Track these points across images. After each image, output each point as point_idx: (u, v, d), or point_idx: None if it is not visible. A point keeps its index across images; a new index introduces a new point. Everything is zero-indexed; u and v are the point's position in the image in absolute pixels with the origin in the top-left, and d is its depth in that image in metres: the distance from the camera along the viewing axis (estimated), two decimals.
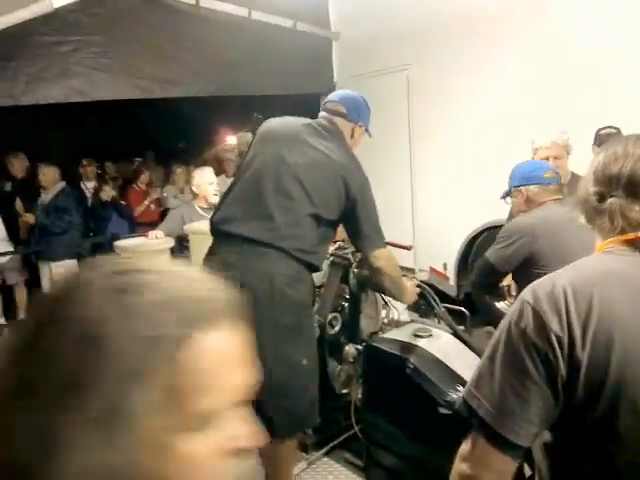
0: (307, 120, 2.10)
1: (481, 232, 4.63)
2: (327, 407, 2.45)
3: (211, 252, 2.00)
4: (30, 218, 5.14)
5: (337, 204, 1.94)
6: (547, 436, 0.98)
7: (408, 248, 2.57)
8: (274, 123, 2.10)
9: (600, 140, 3.31)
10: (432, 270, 5.18)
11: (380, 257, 2.01)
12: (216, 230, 2.01)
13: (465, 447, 0.96)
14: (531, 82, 3.96)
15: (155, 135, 8.54)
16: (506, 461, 0.92)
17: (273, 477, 1.91)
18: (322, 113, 2.14)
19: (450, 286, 5.03)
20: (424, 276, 5.22)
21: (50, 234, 5.12)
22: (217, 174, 6.88)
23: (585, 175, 1.02)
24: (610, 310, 0.87)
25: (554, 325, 0.87)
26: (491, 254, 2.24)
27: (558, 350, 0.87)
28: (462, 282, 5.09)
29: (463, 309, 2.70)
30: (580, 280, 0.92)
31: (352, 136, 2.12)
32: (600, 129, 3.39)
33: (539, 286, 0.93)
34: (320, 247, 1.97)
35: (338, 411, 2.52)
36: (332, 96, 2.19)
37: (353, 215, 1.96)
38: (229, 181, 2.30)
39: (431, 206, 5.04)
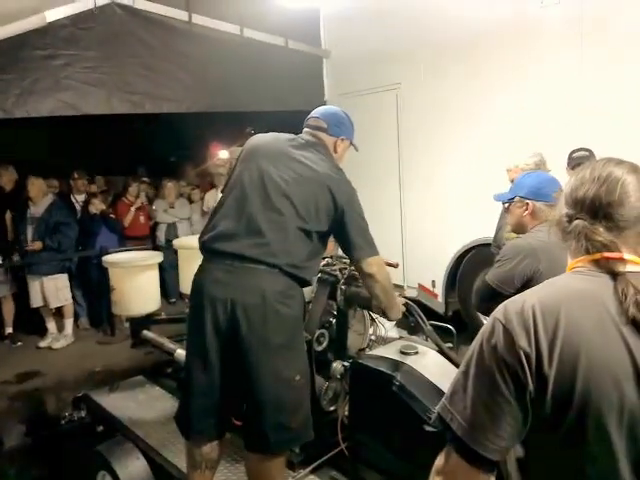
0: (292, 135, 2.12)
1: (469, 249, 4.68)
2: (314, 425, 2.44)
3: (201, 270, 2.00)
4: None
5: (326, 216, 1.95)
6: (520, 451, 1.00)
7: (395, 265, 2.58)
8: (259, 139, 2.11)
9: (573, 163, 3.37)
10: (421, 287, 5.21)
11: (373, 264, 2.02)
12: (205, 248, 2.01)
13: (439, 461, 0.99)
14: (520, 101, 4.04)
15: (147, 150, 8.57)
16: (477, 475, 0.94)
17: None
18: (305, 129, 2.16)
19: (438, 303, 5.07)
20: (413, 293, 5.26)
21: (43, 249, 5.12)
22: (208, 189, 6.95)
23: (560, 197, 1.07)
24: (576, 328, 0.90)
25: (522, 342, 0.90)
26: (491, 276, 2.15)
27: (526, 366, 0.90)
28: (450, 299, 5.14)
29: (450, 327, 2.73)
30: (548, 299, 0.95)
31: (335, 150, 2.13)
32: (573, 151, 3.46)
33: (510, 304, 0.97)
34: (311, 262, 1.97)
35: (325, 429, 2.50)
36: (313, 112, 2.21)
37: (343, 226, 1.96)
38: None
39: (420, 223, 5.09)
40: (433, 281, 5.08)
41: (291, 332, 1.89)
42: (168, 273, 5.70)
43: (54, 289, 5.24)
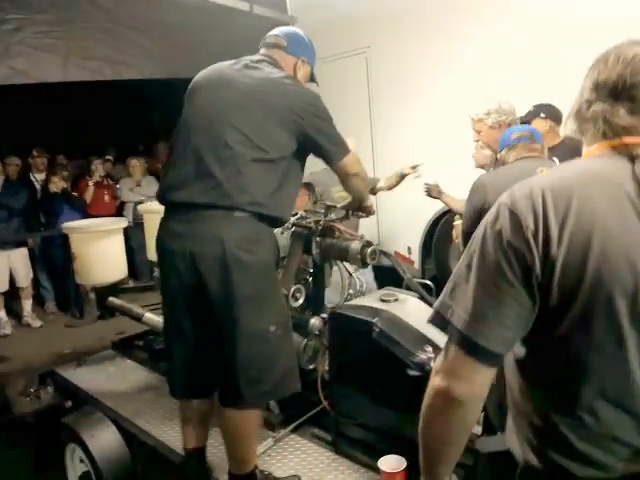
0: (236, 60, 1.91)
1: (444, 214, 4.63)
2: None
3: (160, 225, 1.86)
4: None
5: (288, 135, 1.76)
6: (520, 352, 0.95)
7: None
8: (197, 76, 1.92)
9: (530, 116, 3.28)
10: (397, 254, 5.15)
11: (353, 162, 1.93)
12: (163, 201, 1.86)
13: (438, 360, 0.94)
14: (491, 63, 3.97)
15: (118, 131, 8.22)
16: (478, 369, 0.89)
17: (233, 444, 1.81)
18: (260, 50, 1.98)
19: (415, 270, 5.02)
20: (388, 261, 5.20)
21: None
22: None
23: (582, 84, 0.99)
24: (589, 209, 0.84)
25: (530, 223, 0.85)
26: (462, 222, 2.29)
27: (534, 247, 0.84)
28: (427, 265, 5.10)
29: (428, 282, 2.68)
30: (560, 181, 0.89)
31: (295, 74, 1.95)
32: (539, 105, 3.38)
33: (517, 188, 0.91)
34: (278, 195, 1.77)
35: (305, 388, 2.42)
36: (272, 31, 2.02)
37: (309, 136, 1.79)
38: None
39: (394, 190, 5.02)
40: (409, 247, 5.03)
41: (259, 281, 1.74)
42: (137, 254, 5.50)
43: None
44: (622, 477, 0.88)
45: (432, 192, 3.57)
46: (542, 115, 3.11)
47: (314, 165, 2.24)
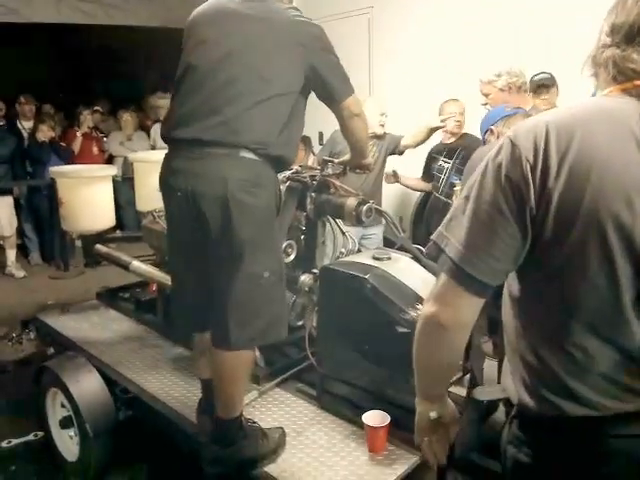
0: None
1: None
2: (281, 341, 2.35)
3: (164, 162, 1.81)
4: None
5: (293, 66, 1.71)
6: (514, 289, 0.97)
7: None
8: (195, 12, 1.85)
9: (534, 85, 3.26)
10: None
11: (357, 102, 1.89)
12: (165, 139, 1.82)
13: (431, 289, 0.98)
14: (499, 24, 3.87)
15: (111, 84, 7.99)
16: (464, 297, 0.92)
17: (221, 385, 1.80)
18: None
19: (406, 240, 4.99)
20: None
21: None
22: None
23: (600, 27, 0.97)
24: (591, 143, 0.84)
25: (529, 155, 0.86)
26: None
27: (530, 180, 0.85)
28: (418, 236, 5.08)
29: (419, 246, 2.65)
30: (566, 116, 0.89)
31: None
32: (534, 75, 3.35)
33: (523, 123, 0.92)
34: (285, 133, 1.73)
35: (292, 345, 2.41)
36: None
37: (315, 69, 1.74)
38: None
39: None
40: (400, 217, 4.99)
41: (259, 225, 1.71)
42: (125, 211, 5.43)
43: None
44: (614, 416, 0.89)
45: (388, 180, 3.58)
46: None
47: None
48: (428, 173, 3.96)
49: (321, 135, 3.09)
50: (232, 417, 1.81)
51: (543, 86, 3.20)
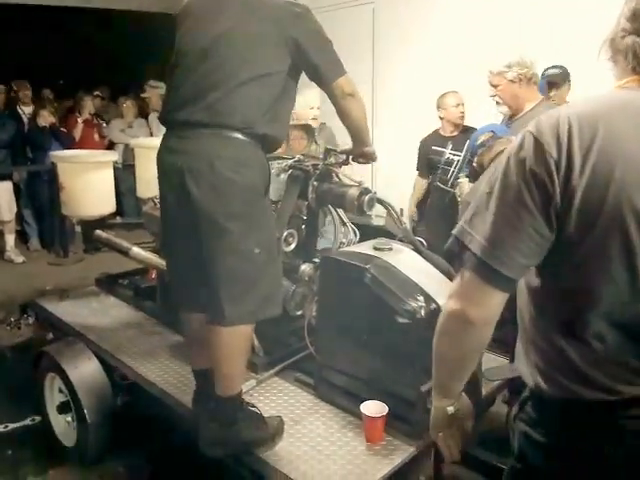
0: None
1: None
2: (280, 330, 2.34)
3: (161, 143, 1.87)
4: None
5: (278, 48, 1.74)
6: (533, 279, 0.97)
7: None
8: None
9: (548, 80, 3.25)
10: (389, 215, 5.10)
11: (349, 82, 1.86)
12: (162, 122, 1.91)
13: (454, 284, 0.98)
14: (506, 14, 3.83)
15: (114, 71, 7.93)
16: (491, 293, 0.92)
17: (218, 363, 1.81)
18: None
19: (408, 231, 4.98)
20: (381, 221, 5.16)
21: None
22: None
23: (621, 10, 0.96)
24: (615, 138, 0.84)
25: (553, 151, 0.86)
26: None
27: (555, 175, 0.84)
28: (418, 229, 5.07)
29: (420, 239, 2.64)
30: (588, 109, 0.89)
31: None
32: (547, 69, 3.33)
33: (545, 117, 0.90)
34: (272, 112, 1.77)
35: (291, 334, 2.41)
36: None
37: (301, 48, 1.76)
38: None
39: (390, 151, 4.94)
40: (401, 209, 4.97)
41: (246, 202, 1.75)
42: (125, 198, 5.41)
43: None
44: (628, 399, 0.91)
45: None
46: None
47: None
48: (428, 166, 3.89)
49: None
50: (231, 395, 1.82)
51: (552, 83, 3.19)
